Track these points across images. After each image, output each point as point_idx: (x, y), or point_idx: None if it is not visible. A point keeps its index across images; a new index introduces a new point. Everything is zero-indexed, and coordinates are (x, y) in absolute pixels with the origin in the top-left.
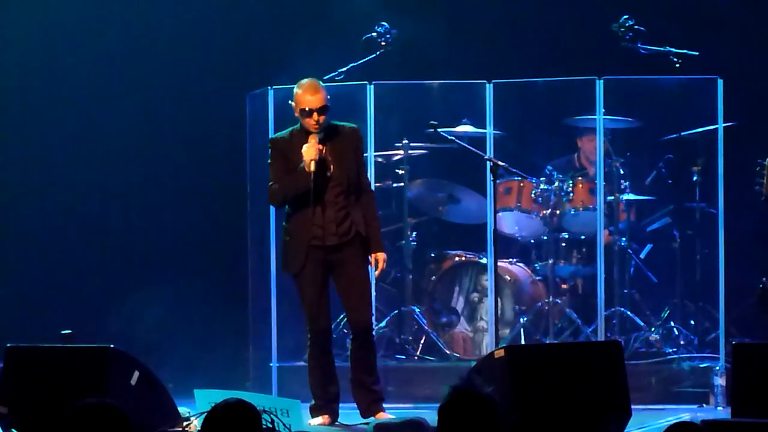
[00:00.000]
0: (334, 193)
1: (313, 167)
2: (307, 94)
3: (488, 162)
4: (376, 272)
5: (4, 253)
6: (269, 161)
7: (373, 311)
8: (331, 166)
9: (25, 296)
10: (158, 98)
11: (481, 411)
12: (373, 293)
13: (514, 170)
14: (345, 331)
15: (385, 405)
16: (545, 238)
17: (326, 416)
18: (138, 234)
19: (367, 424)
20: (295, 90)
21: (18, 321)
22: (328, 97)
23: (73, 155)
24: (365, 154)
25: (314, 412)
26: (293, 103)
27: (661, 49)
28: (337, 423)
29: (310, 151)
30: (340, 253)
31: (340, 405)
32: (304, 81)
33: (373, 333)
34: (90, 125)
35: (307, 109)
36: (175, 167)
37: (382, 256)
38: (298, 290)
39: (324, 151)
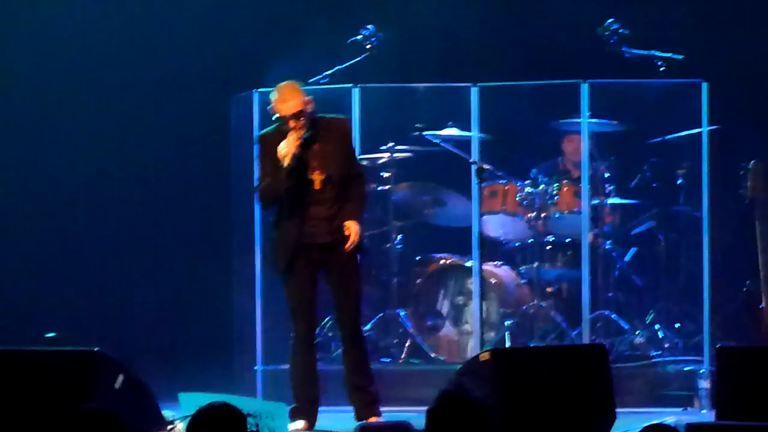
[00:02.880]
0: (324, 190)
1: (288, 161)
2: (279, 102)
3: (473, 165)
4: (347, 243)
5: None
6: (257, 159)
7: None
8: (319, 162)
9: (8, 299)
10: (143, 100)
11: (470, 415)
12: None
13: (500, 173)
14: (330, 334)
15: None
16: (530, 241)
17: (304, 421)
18: (122, 237)
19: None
20: (271, 94)
21: (1, 324)
22: (307, 98)
23: (58, 158)
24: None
25: (293, 415)
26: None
27: (646, 52)
28: (315, 428)
29: (285, 145)
30: (332, 251)
31: (331, 408)
32: (280, 86)
33: (363, 334)
34: (76, 127)
35: (281, 116)
36: (159, 170)
37: (354, 225)
38: (285, 289)
39: (316, 148)
